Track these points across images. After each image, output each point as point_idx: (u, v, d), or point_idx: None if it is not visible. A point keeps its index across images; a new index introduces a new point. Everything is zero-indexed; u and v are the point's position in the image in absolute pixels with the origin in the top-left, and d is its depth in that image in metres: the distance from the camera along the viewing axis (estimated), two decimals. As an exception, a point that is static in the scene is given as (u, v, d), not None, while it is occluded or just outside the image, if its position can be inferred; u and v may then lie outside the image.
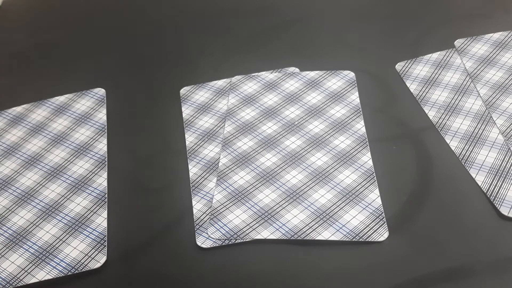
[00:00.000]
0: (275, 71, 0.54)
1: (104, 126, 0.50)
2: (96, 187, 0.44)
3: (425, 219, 0.39)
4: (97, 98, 0.53)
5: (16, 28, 0.66)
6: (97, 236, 0.41)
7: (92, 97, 0.53)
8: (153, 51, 0.59)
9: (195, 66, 0.56)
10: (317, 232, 0.39)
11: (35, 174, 0.46)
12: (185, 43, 0.59)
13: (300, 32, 0.59)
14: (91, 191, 0.44)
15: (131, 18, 0.65)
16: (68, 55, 0.60)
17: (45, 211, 0.43)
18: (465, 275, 0.36)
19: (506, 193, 0.40)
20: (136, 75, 0.56)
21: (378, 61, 0.53)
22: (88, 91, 0.54)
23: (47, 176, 0.46)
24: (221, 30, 0.61)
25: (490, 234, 0.38)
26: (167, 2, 0.66)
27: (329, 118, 0.48)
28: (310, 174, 0.43)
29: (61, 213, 0.43)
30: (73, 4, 0.69)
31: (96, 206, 0.43)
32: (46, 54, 0.61)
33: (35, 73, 0.58)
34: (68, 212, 0.43)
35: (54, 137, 0.49)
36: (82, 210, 0.43)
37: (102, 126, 0.50)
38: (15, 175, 0.46)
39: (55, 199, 0.44)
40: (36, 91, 0.55)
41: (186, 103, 0.52)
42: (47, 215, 0.43)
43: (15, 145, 0.49)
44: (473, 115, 0.46)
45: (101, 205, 0.43)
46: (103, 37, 0.62)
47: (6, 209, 0.43)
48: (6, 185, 0.45)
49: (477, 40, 0.54)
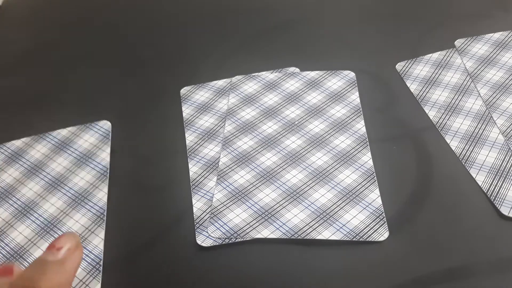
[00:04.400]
0: (275, 71, 0.54)
1: (108, 133, 0.49)
2: (96, 201, 0.44)
3: (425, 219, 0.39)
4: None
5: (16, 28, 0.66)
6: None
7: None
8: (154, 51, 0.59)
9: (196, 66, 0.56)
10: (317, 231, 0.39)
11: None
12: (186, 43, 0.59)
13: (301, 32, 0.59)
14: (90, 207, 0.43)
15: (131, 18, 0.65)
16: (68, 55, 0.60)
17: (44, 227, 0.42)
18: (465, 275, 0.36)
19: (506, 193, 0.40)
20: (136, 75, 0.56)
21: (378, 61, 0.53)
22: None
23: (48, 187, 0.45)
24: (222, 30, 0.61)
25: (490, 234, 0.38)
26: (168, 2, 0.66)
27: (329, 118, 0.48)
28: (311, 173, 0.43)
29: (63, 227, 0.42)
30: (73, 4, 0.69)
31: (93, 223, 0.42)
32: (45, 54, 0.61)
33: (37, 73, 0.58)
34: (69, 226, 0.42)
35: (58, 143, 0.48)
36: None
37: (106, 133, 0.49)
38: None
39: (54, 214, 0.43)
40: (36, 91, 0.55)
41: (186, 103, 0.52)
42: (45, 231, 0.42)
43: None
44: (473, 115, 0.46)
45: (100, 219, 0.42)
46: (103, 37, 0.62)
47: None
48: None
49: (477, 40, 0.54)
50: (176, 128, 0.49)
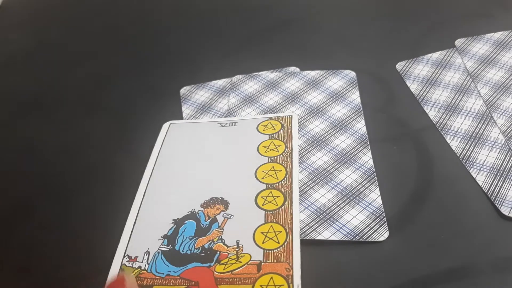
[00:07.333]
0: (275, 71, 0.54)
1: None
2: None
3: (426, 219, 0.39)
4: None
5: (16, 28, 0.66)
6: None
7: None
8: (153, 51, 0.59)
9: (196, 66, 0.56)
10: (317, 232, 0.39)
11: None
12: (186, 42, 0.59)
13: (301, 31, 0.59)
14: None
15: (131, 18, 0.65)
16: (68, 55, 0.60)
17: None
18: (465, 275, 0.36)
19: (506, 193, 0.40)
20: (136, 74, 0.56)
21: (379, 61, 0.53)
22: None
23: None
24: (222, 29, 0.61)
25: (490, 234, 0.38)
26: (168, 2, 0.66)
27: (329, 118, 0.48)
28: (311, 173, 0.43)
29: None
30: (73, 4, 0.69)
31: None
32: (46, 54, 0.61)
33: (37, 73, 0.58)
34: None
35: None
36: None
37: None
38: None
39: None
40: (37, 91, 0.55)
41: (186, 103, 0.52)
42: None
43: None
44: (473, 115, 0.46)
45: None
46: (103, 37, 0.62)
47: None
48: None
49: (477, 39, 0.54)
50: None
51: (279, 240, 0.37)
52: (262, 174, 0.42)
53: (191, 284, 0.35)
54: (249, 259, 0.36)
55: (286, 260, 0.36)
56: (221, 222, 0.39)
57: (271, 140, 0.45)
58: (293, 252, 0.36)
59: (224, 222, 0.39)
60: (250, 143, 0.45)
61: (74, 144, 0.49)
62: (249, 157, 0.44)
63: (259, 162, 0.43)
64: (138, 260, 0.37)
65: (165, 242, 0.38)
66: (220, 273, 0.36)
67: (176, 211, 0.40)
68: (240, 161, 0.44)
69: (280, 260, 0.36)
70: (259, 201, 0.40)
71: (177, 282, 0.35)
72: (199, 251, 0.37)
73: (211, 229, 0.39)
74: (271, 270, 0.35)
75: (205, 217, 0.40)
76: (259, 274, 0.35)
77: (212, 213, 0.40)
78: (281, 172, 0.42)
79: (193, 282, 0.35)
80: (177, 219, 0.40)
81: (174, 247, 0.38)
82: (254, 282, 0.35)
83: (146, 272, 0.36)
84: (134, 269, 0.36)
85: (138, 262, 0.37)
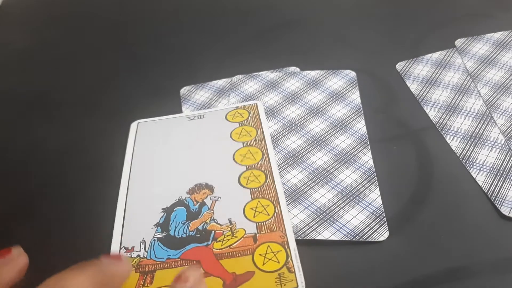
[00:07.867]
0: (275, 71, 0.54)
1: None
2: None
3: (426, 219, 0.39)
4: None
5: (16, 28, 0.66)
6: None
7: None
8: (153, 51, 0.59)
9: (196, 65, 0.56)
10: (317, 232, 0.39)
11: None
12: (186, 42, 0.59)
13: (301, 31, 0.59)
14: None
15: (131, 18, 0.65)
16: (68, 55, 0.60)
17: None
18: (465, 275, 0.36)
19: (506, 193, 0.40)
20: (136, 74, 0.56)
21: (379, 61, 0.53)
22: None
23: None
24: (222, 29, 0.61)
25: (490, 234, 0.38)
26: (168, 2, 0.66)
27: (330, 118, 0.48)
28: (311, 173, 0.43)
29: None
30: (73, 3, 0.69)
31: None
32: (46, 54, 0.61)
33: (37, 73, 0.58)
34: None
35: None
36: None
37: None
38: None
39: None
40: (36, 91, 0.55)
41: (186, 103, 0.52)
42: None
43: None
44: (473, 115, 0.46)
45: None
46: (103, 37, 0.62)
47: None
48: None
49: (477, 39, 0.54)
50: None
51: (268, 213, 0.39)
52: (240, 157, 0.44)
53: (193, 264, 0.36)
54: (244, 233, 0.38)
55: (279, 229, 0.38)
56: (210, 204, 0.40)
57: (242, 127, 0.47)
58: (284, 221, 0.38)
59: (213, 204, 0.40)
60: (222, 131, 0.47)
61: (74, 144, 0.49)
62: (224, 144, 0.45)
63: (234, 147, 0.45)
64: (136, 249, 0.38)
65: (159, 229, 0.39)
66: (219, 249, 0.37)
67: (164, 200, 0.41)
68: (216, 149, 0.45)
69: (273, 230, 0.38)
70: (242, 181, 0.42)
71: (179, 264, 0.36)
72: (194, 233, 0.38)
73: (201, 212, 0.40)
74: (266, 239, 0.37)
75: (193, 202, 0.41)
76: (256, 244, 0.37)
77: (199, 198, 0.41)
78: (258, 154, 0.44)
79: (194, 262, 0.36)
80: (166, 207, 0.41)
81: (169, 233, 0.39)
82: (253, 252, 0.36)
83: (146, 259, 0.37)
84: (133, 259, 0.37)
85: (135, 251, 0.38)
